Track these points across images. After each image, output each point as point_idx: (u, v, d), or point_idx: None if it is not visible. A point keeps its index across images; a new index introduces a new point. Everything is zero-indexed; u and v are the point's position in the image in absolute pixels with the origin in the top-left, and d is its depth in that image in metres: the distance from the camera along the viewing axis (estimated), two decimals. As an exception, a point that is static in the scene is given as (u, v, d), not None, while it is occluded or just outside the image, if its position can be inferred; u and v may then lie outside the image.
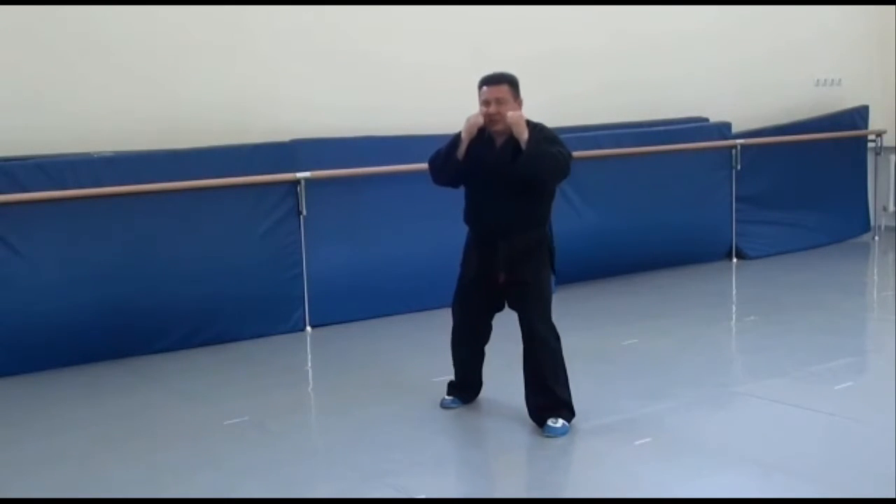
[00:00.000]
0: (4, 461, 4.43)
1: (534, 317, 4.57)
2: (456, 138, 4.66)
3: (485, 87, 4.58)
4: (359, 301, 6.81)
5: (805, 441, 4.39)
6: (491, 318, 4.84)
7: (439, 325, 5.27)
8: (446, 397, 4.97)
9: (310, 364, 6.16)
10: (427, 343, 6.15)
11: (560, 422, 4.50)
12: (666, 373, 5.45)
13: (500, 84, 4.55)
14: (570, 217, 7.63)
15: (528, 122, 4.50)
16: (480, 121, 4.56)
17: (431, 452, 4.40)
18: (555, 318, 4.67)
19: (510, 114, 4.49)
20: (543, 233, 4.63)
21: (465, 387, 4.97)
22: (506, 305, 4.75)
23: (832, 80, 9.73)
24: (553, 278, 4.74)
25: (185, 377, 5.69)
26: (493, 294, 4.70)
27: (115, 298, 6.00)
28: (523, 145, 4.43)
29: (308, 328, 6.63)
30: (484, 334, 4.89)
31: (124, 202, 6.02)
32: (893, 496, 3.73)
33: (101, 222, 5.99)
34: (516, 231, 4.56)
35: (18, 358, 5.73)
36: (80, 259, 5.92)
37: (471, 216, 4.74)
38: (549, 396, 4.54)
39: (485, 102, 4.56)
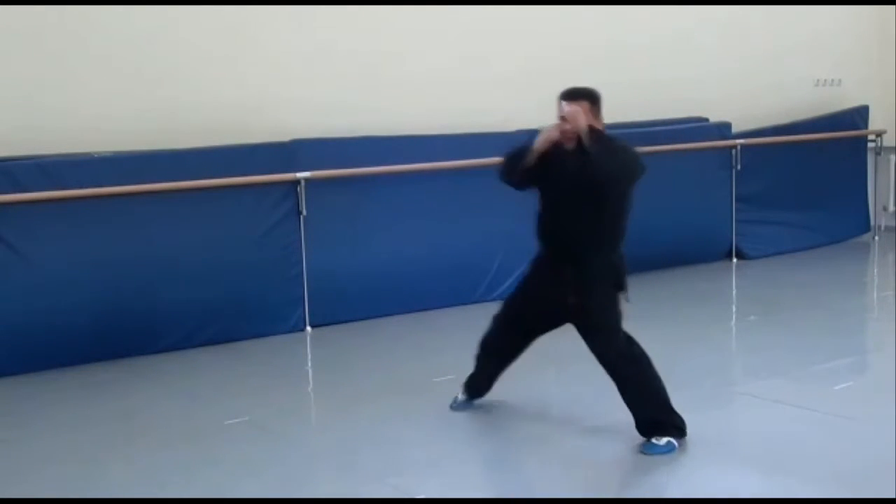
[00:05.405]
0: (4, 461, 4.43)
1: (600, 347, 4.42)
2: (529, 142, 4.47)
3: (563, 103, 4.37)
4: (359, 301, 6.80)
5: (805, 441, 4.39)
6: (534, 340, 4.72)
7: (439, 326, 5.29)
8: (457, 397, 4.92)
9: (310, 364, 6.17)
10: (427, 343, 6.15)
11: (663, 440, 4.29)
12: (666, 373, 5.42)
13: (579, 100, 4.35)
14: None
15: (591, 129, 4.32)
16: (556, 135, 4.37)
17: (432, 452, 4.40)
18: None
19: (570, 108, 4.29)
20: (612, 257, 4.41)
21: (477, 389, 4.92)
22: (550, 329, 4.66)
23: (832, 80, 9.73)
24: (625, 295, 4.48)
25: (185, 377, 5.69)
26: (550, 318, 4.57)
27: (115, 298, 6.00)
28: (584, 138, 4.23)
29: (308, 328, 6.62)
30: (520, 352, 4.79)
31: (124, 202, 6.02)
32: (893, 496, 3.73)
33: (101, 222, 5.98)
34: (585, 252, 4.38)
35: (18, 358, 5.73)
36: (79, 259, 5.92)
37: (541, 232, 4.56)
38: (644, 416, 4.36)
39: (561, 119, 4.36)
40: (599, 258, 4.38)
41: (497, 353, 4.83)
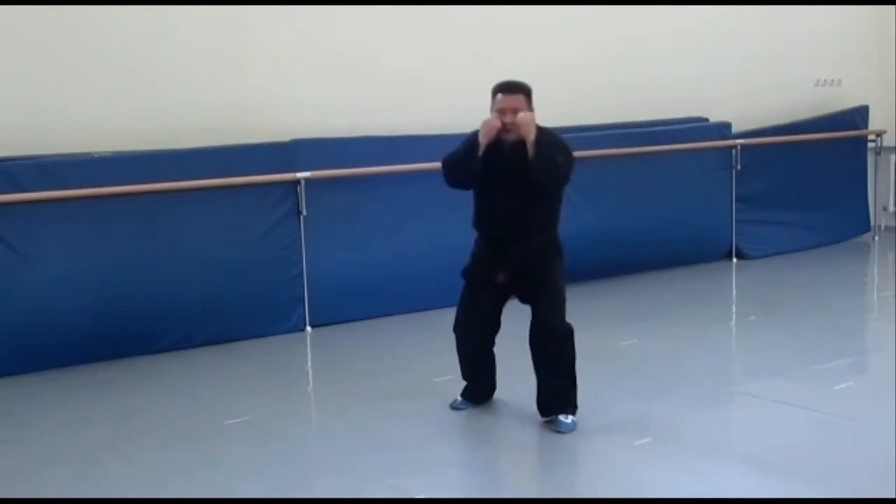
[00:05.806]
0: (4, 461, 4.43)
1: (550, 310, 4.54)
2: (471, 140, 4.60)
3: (500, 95, 4.53)
4: (359, 301, 6.81)
5: (805, 441, 4.39)
6: (498, 316, 4.81)
7: (440, 326, 5.27)
8: (457, 398, 4.94)
9: (310, 364, 6.17)
10: (427, 343, 6.15)
11: (570, 418, 4.53)
12: (666, 373, 5.45)
13: (516, 93, 4.52)
14: (569, 217, 7.57)
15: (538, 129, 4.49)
16: (499, 124, 4.50)
17: (432, 452, 4.40)
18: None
19: (522, 114, 4.46)
20: (552, 237, 4.64)
21: (477, 390, 4.94)
22: (505, 304, 4.76)
23: (832, 80, 9.73)
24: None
25: (185, 377, 5.69)
26: (499, 293, 4.70)
27: (115, 298, 6.00)
28: (529, 147, 4.42)
29: (308, 328, 6.62)
30: (491, 335, 4.85)
31: (124, 202, 6.02)
32: (893, 496, 3.73)
33: (101, 222, 5.98)
34: (525, 235, 4.56)
35: (18, 358, 5.73)
36: (80, 259, 5.92)
37: (480, 220, 4.72)
38: (564, 389, 4.54)
39: (500, 111, 4.51)
40: (540, 238, 4.58)
41: (470, 343, 4.88)
